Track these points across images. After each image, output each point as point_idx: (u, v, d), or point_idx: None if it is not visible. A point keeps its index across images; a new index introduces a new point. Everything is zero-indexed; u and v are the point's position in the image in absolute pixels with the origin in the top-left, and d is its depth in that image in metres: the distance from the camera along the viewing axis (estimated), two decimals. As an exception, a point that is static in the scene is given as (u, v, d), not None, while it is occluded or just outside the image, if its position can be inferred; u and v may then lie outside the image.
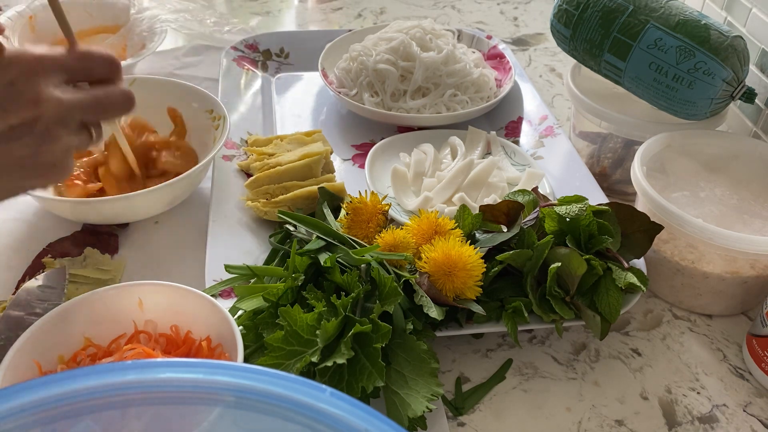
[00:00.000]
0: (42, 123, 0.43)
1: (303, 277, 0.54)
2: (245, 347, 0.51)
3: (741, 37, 0.66)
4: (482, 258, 0.54)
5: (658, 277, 0.63)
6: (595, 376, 0.57)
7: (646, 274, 0.57)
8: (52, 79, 0.44)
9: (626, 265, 0.55)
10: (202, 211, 0.69)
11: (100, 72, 0.47)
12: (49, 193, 0.67)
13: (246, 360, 0.50)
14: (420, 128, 0.82)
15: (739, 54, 0.65)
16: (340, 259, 0.55)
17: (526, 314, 0.53)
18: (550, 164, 0.77)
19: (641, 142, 0.67)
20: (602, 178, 0.77)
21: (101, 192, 0.67)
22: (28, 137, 0.43)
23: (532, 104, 0.88)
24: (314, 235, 0.58)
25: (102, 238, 0.66)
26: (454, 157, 0.76)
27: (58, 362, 0.49)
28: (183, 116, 0.75)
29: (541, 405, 0.54)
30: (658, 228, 0.57)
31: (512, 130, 0.85)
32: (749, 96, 0.67)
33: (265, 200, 0.67)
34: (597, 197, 0.68)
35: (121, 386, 0.29)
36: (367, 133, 0.84)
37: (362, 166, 0.77)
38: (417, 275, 0.54)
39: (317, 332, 0.48)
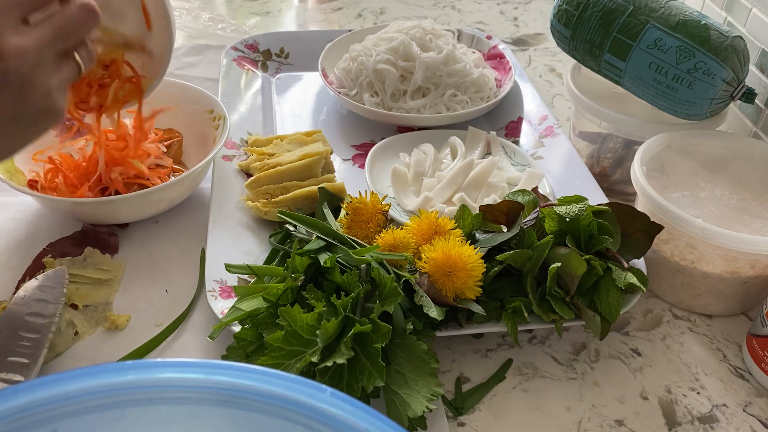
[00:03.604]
0: (12, 75, 0.42)
1: (303, 277, 0.54)
2: (249, 344, 0.51)
3: (741, 37, 0.66)
4: (482, 258, 0.54)
5: (658, 277, 0.63)
6: (595, 376, 0.57)
7: (646, 274, 0.57)
8: (4, 25, 0.41)
9: (626, 265, 0.55)
10: (202, 211, 0.69)
11: None
12: (48, 193, 0.67)
13: (246, 360, 0.50)
14: (420, 128, 0.82)
15: (739, 54, 0.65)
16: (340, 259, 0.55)
17: (526, 314, 0.53)
18: (550, 164, 0.77)
19: (641, 142, 0.67)
20: (602, 178, 0.77)
21: (102, 192, 0.67)
22: (3, 92, 0.42)
23: (532, 104, 0.88)
24: (314, 235, 0.58)
25: (102, 238, 0.66)
26: (454, 157, 0.76)
27: None
28: (183, 141, 0.75)
29: (541, 405, 0.54)
30: (658, 228, 0.57)
31: (512, 130, 0.85)
32: (749, 96, 0.67)
33: (265, 200, 0.67)
34: (597, 197, 0.68)
35: (121, 386, 0.29)
36: (367, 133, 0.84)
37: (362, 166, 0.77)
38: (417, 275, 0.54)
39: (317, 332, 0.48)
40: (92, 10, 0.46)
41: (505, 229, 0.59)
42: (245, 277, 0.61)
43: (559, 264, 0.53)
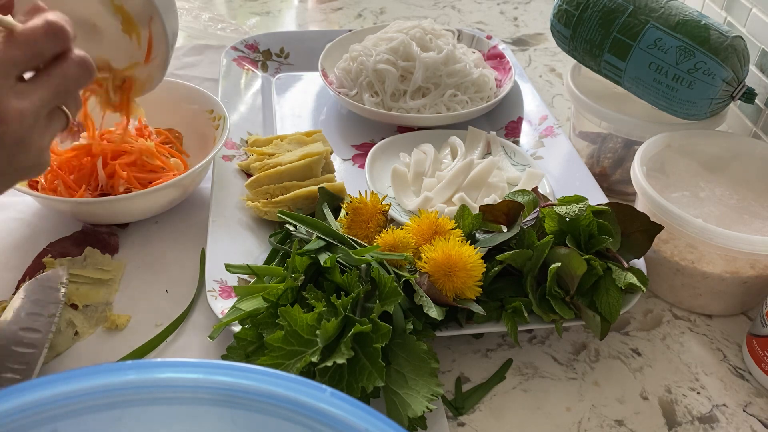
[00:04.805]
0: (9, 138, 0.41)
1: (303, 277, 0.54)
2: (249, 344, 0.51)
3: (741, 37, 0.66)
4: (482, 258, 0.54)
5: (658, 277, 0.63)
6: (595, 376, 0.57)
7: (646, 274, 0.57)
8: (4, 85, 0.40)
9: (626, 265, 0.55)
10: (202, 211, 0.69)
11: (49, 51, 0.43)
12: (49, 193, 0.67)
13: (246, 360, 0.50)
14: (420, 128, 0.82)
15: (739, 54, 0.65)
16: (340, 259, 0.55)
17: (526, 314, 0.53)
18: (550, 164, 0.77)
19: (641, 142, 0.67)
20: (602, 178, 0.77)
21: (101, 192, 0.67)
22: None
23: (532, 104, 0.88)
24: (314, 235, 0.58)
25: (102, 238, 0.66)
26: (454, 157, 0.76)
27: None
28: (183, 138, 0.76)
29: (541, 405, 0.54)
30: (658, 228, 0.57)
31: (512, 130, 0.85)
32: (749, 96, 0.67)
33: (265, 200, 0.67)
34: (597, 197, 0.68)
35: (121, 386, 0.29)
36: (367, 133, 0.84)
37: (362, 166, 0.77)
38: (417, 275, 0.54)
39: (317, 332, 0.48)
40: (89, 66, 0.45)
41: (505, 229, 0.59)
42: (245, 277, 0.61)
43: (559, 264, 0.53)
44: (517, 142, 0.83)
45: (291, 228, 0.62)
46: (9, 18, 0.42)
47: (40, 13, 0.43)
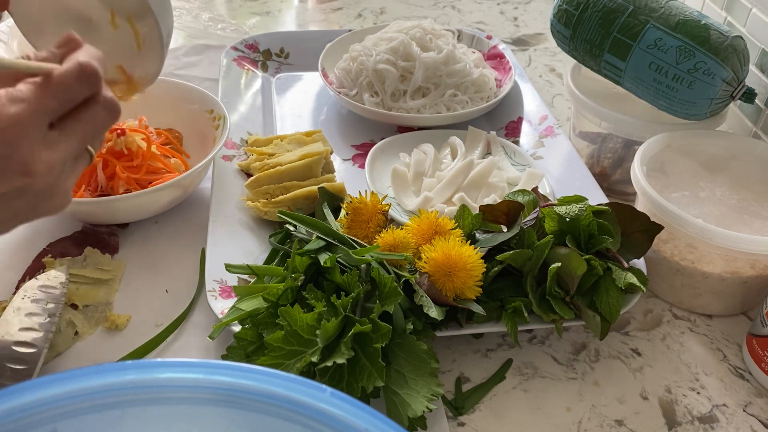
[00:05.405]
0: (36, 188, 0.40)
1: (303, 277, 0.54)
2: (249, 344, 0.51)
3: (741, 37, 0.66)
4: (482, 258, 0.54)
5: (658, 277, 0.63)
6: (595, 376, 0.57)
7: (646, 274, 0.57)
8: (35, 136, 0.38)
9: (626, 265, 0.55)
10: (202, 211, 0.69)
11: (81, 96, 0.41)
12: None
13: (246, 360, 0.50)
14: (420, 128, 0.82)
15: (739, 54, 0.65)
16: (340, 259, 0.55)
17: (526, 314, 0.53)
18: (550, 164, 0.77)
19: (641, 142, 0.67)
20: (602, 178, 0.77)
21: (101, 193, 0.67)
22: (24, 198, 0.40)
23: (532, 104, 0.88)
24: (314, 235, 0.58)
25: (102, 238, 0.66)
26: (454, 157, 0.76)
27: None
28: (182, 137, 0.76)
29: (541, 405, 0.54)
30: (658, 228, 0.57)
31: (512, 130, 0.85)
32: (749, 96, 0.67)
33: (265, 200, 0.67)
34: (597, 197, 0.68)
35: (121, 386, 0.29)
36: (367, 133, 0.84)
37: (362, 166, 0.77)
38: (417, 275, 0.54)
39: (317, 332, 0.48)
40: (116, 108, 0.43)
41: (505, 229, 0.59)
42: (245, 277, 0.61)
43: (559, 264, 0.53)
44: (517, 142, 0.83)
45: (291, 228, 0.62)
46: (46, 64, 0.40)
47: (73, 52, 0.41)
